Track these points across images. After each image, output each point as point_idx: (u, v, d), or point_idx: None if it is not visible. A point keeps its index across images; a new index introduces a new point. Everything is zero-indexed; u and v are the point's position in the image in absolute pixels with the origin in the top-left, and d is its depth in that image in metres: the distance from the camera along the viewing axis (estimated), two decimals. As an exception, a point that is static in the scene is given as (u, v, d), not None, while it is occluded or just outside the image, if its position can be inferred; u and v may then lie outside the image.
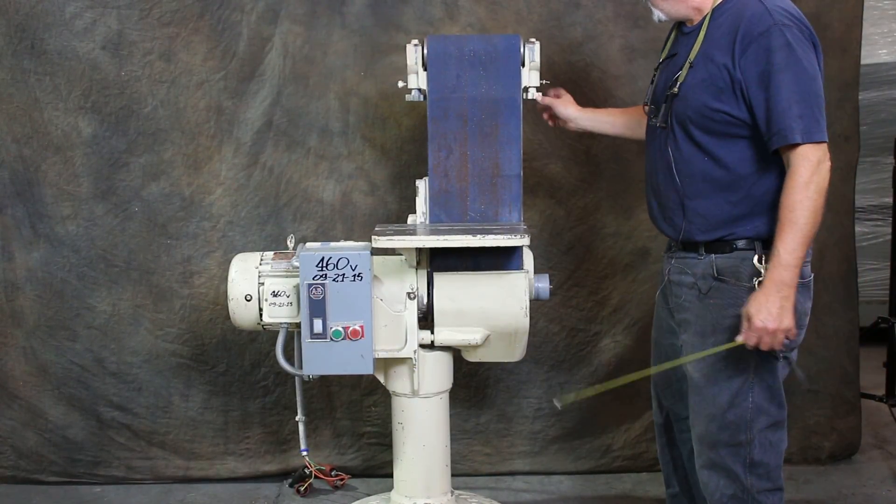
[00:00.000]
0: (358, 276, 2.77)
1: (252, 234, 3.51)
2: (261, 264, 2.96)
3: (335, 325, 2.78)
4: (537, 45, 2.98)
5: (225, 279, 3.03)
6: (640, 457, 3.64)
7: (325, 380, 3.55)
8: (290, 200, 3.52)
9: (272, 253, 3.02)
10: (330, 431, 3.62)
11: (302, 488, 3.46)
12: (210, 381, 3.57)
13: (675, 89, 2.40)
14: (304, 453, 3.41)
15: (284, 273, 2.92)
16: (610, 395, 3.60)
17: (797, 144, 2.23)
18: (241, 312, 2.94)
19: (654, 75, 2.65)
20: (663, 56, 2.60)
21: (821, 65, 2.32)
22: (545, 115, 3.10)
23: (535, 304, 2.97)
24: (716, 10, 2.37)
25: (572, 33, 3.47)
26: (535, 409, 3.62)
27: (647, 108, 2.62)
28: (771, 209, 2.32)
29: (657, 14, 2.51)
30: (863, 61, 3.65)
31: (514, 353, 2.96)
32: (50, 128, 3.44)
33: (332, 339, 2.78)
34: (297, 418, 3.29)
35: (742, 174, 2.35)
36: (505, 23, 3.46)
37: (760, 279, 2.28)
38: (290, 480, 3.53)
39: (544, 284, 2.96)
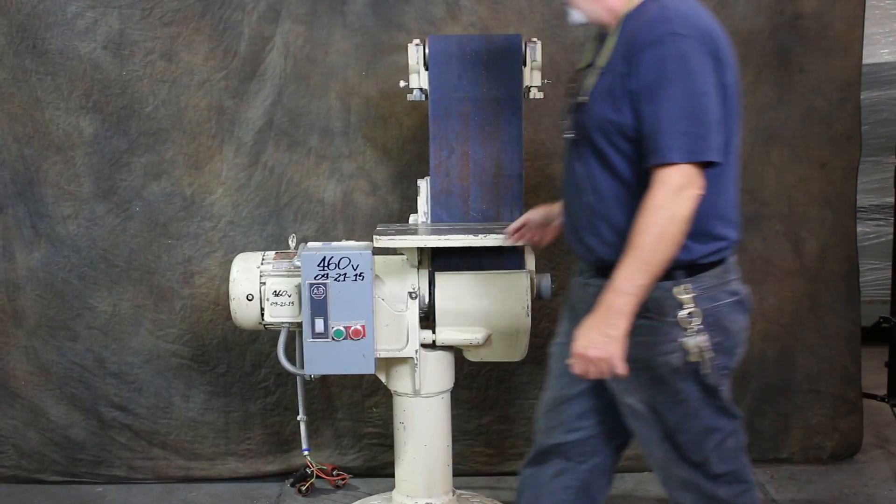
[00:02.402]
0: (359, 275, 2.77)
1: (253, 234, 3.51)
2: (262, 264, 2.96)
3: (337, 325, 2.78)
4: (539, 45, 2.97)
5: (226, 279, 3.02)
6: (641, 456, 3.62)
7: (326, 380, 3.55)
8: (292, 200, 3.52)
9: (273, 253, 3.02)
10: (331, 431, 3.62)
11: (303, 488, 3.46)
12: (211, 382, 3.57)
13: (583, 98, 2.17)
14: (306, 453, 3.41)
15: (286, 273, 2.92)
16: (611, 394, 3.61)
17: (664, 164, 1.98)
18: (243, 312, 2.94)
19: (573, 86, 2.38)
20: (581, 65, 2.35)
21: (726, 81, 2.06)
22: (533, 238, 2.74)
23: (537, 304, 2.97)
24: (628, 16, 2.13)
25: (574, 32, 3.46)
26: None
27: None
28: (691, 231, 2.04)
29: (574, 14, 2.28)
30: (864, 61, 3.65)
31: (516, 352, 2.96)
32: (51, 127, 3.44)
33: (333, 339, 2.78)
34: (298, 418, 3.29)
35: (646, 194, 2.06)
36: (506, 22, 3.45)
37: (688, 310, 2.06)
38: (291, 480, 3.52)
39: (546, 284, 2.96)
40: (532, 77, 2.99)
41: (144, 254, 3.51)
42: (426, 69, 2.98)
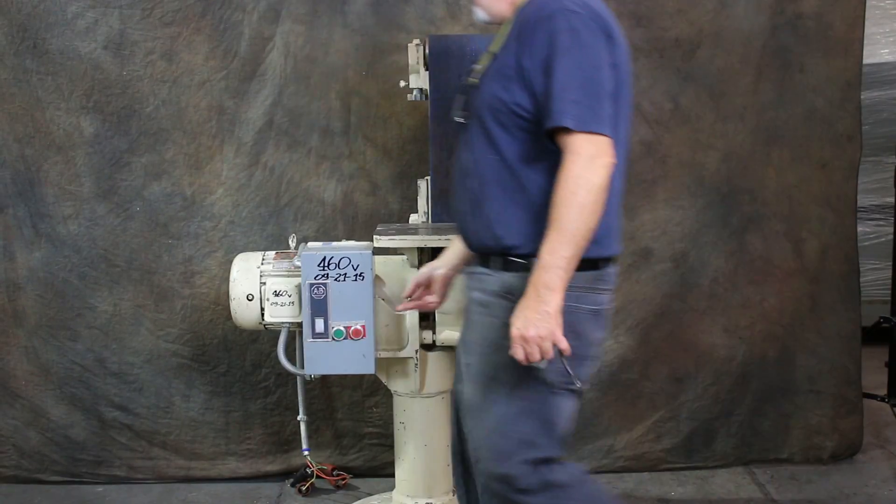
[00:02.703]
0: (360, 275, 2.77)
1: (253, 233, 3.51)
2: (262, 264, 2.96)
3: (337, 325, 2.78)
4: (539, 45, 2.97)
5: (226, 279, 3.02)
6: (642, 457, 3.64)
7: (326, 380, 3.55)
8: (292, 200, 3.52)
9: (274, 253, 3.02)
10: (331, 431, 3.62)
11: (303, 488, 3.46)
12: (211, 382, 3.57)
13: (473, 79, 2.17)
14: (306, 453, 3.41)
15: (286, 273, 2.92)
16: (612, 396, 3.62)
17: (570, 133, 1.94)
18: (243, 312, 2.94)
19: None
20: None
21: (618, 59, 2.04)
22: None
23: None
24: (524, 6, 2.12)
25: (574, 33, 3.46)
26: (536, 409, 3.61)
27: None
28: None
29: (478, 13, 2.25)
30: (865, 61, 3.65)
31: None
32: (52, 127, 3.44)
33: (333, 339, 2.78)
34: (298, 418, 3.29)
35: (532, 177, 2.06)
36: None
37: None
38: (291, 480, 3.52)
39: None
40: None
41: (145, 254, 3.51)
42: (426, 69, 2.98)
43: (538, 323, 1.93)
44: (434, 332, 2.90)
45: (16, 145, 3.46)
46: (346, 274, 2.77)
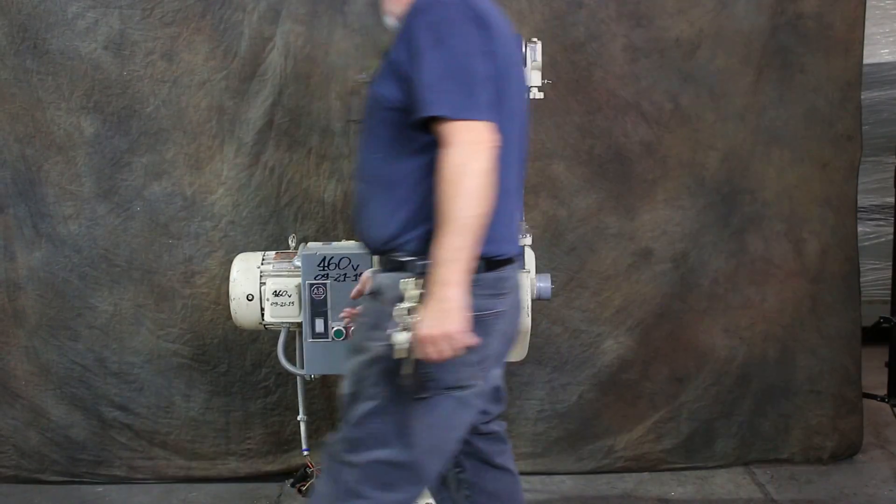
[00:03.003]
0: (360, 275, 2.76)
1: (253, 233, 3.51)
2: (262, 264, 2.96)
3: (337, 325, 2.78)
4: (539, 45, 2.97)
5: (226, 279, 3.02)
6: (642, 457, 3.64)
7: (326, 380, 3.55)
8: (292, 200, 3.52)
9: (274, 252, 3.02)
10: (331, 431, 3.61)
11: (303, 488, 3.45)
12: (211, 382, 3.57)
13: (364, 79, 2.16)
14: (306, 453, 3.40)
15: (286, 273, 2.92)
16: (613, 396, 3.61)
17: (446, 123, 1.89)
18: (243, 312, 2.94)
19: None
20: None
21: (496, 48, 1.98)
22: None
23: (538, 304, 2.96)
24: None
25: (574, 33, 3.46)
26: (537, 411, 3.61)
27: None
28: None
29: (387, 20, 2.23)
30: (865, 61, 3.64)
31: (516, 352, 2.96)
32: (52, 127, 3.45)
33: (333, 339, 2.78)
34: (298, 418, 3.29)
35: (412, 174, 2.01)
36: (507, 22, 3.45)
37: (408, 305, 1.91)
38: (291, 480, 3.52)
39: (546, 284, 2.95)
40: (532, 77, 2.98)
41: (145, 253, 3.51)
42: (426, 69, 2.97)
43: (437, 322, 1.86)
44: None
45: (16, 145, 3.46)
46: (346, 274, 2.77)
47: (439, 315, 1.86)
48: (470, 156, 1.87)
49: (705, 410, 3.64)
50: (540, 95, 3.00)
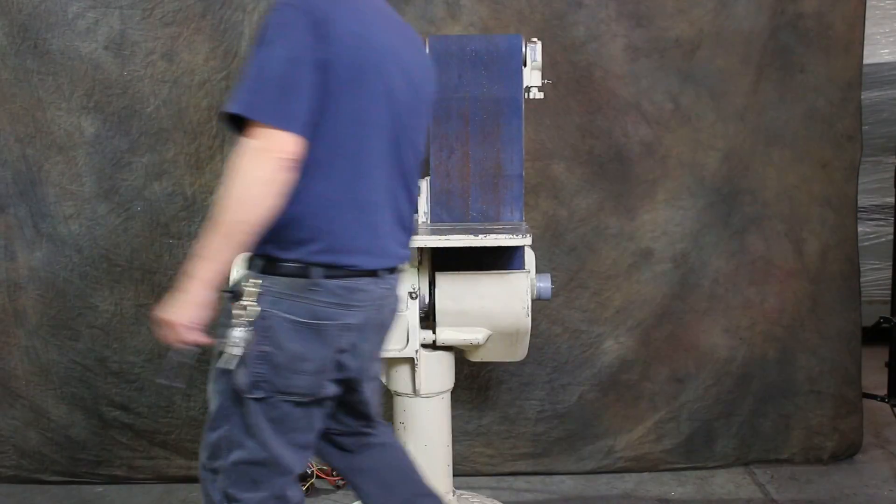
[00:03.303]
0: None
1: (254, 233, 3.51)
2: (263, 264, 2.95)
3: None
4: (539, 45, 2.98)
5: (226, 279, 3.02)
6: (643, 458, 3.64)
7: (326, 379, 3.55)
8: (292, 200, 3.51)
9: (274, 253, 3.01)
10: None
11: (303, 488, 3.46)
12: (212, 381, 3.57)
13: None
14: (306, 453, 3.41)
15: (286, 273, 2.91)
16: (613, 396, 3.62)
17: (247, 123, 1.87)
18: (243, 312, 2.93)
19: None
20: None
21: (335, 58, 1.91)
22: None
23: (538, 305, 2.97)
24: None
25: (574, 33, 3.47)
26: (537, 412, 3.62)
27: None
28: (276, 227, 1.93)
29: None
30: (865, 61, 3.65)
31: (516, 353, 2.96)
32: (53, 127, 3.45)
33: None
34: (298, 418, 3.29)
35: None
36: (507, 22, 3.46)
37: (246, 302, 1.95)
38: (291, 480, 3.52)
39: (546, 284, 2.96)
40: (532, 77, 2.99)
41: (146, 253, 3.51)
42: (426, 69, 2.98)
43: (172, 310, 1.90)
44: (434, 332, 2.90)
45: (17, 145, 3.46)
46: (346, 274, 2.76)
47: (174, 303, 1.90)
48: (253, 161, 1.85)
49: (705, 411, 3.64)
50: (540, 96, 3.01)
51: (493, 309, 2.86)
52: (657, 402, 3.63)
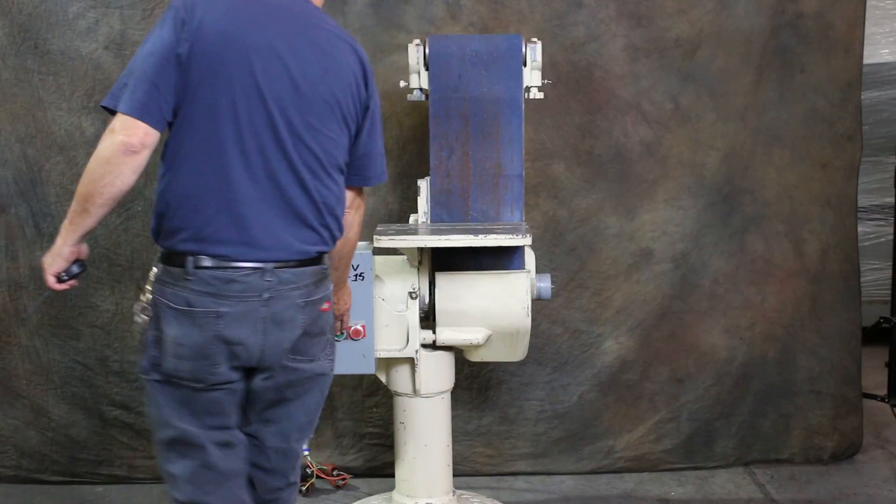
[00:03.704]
0: (360, 275, 2.77)
1: (254, 233, 3.51)
2: (263, 264, 2.95)
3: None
4: (539, 45, 2.98)
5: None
6: (643, 458, 3.64)
7: (327, 379, 3.55)
8: (293, 200, 3.51)
9: (274, 252, 3.01)
10: (331, 431, 3.62)
11: (303, 488, 3.46)
12: (212, 381, 3.57)
13: None
14: (306, 453, 3.41)
15: (286, 273, 2.92)
16: (613, 396, 3.62)
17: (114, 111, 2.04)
18: (243, 312, 2.93)
19: None
20: None
21: (195, 48, 2.01)
22: None
23: (538, 304, 2.97)
24: None
25: (574, 33, 3.47)
26: (537, 412, 3.62)
27: None
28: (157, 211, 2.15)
29: None
30: (865, 61, 3.65)
31: (516, 352, 2.97)
32: (53, 127, 3.45)
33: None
34: (298, 418, 3.29)
35: (160, 170, 2.20)
36: (507, 22, 3.46)
37: (147, 285, 2.12)
38: (291, 480, 3.52)
39: (546, 284, 2.96)
40: (532, 77, 2.99)
41: (146, 253, 3.51)
42: (426, 69, 2.98)
43: (45, 256, 2.19)
44: (434, 332, 2.90)
45: (18, 145, 3.46)
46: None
47: (47, 253, 2.19)
48: (102, 142, 2.03)
49: (705, 411, 3.64)
50: (540, 96, 3.01)
51: (492, 309, 2.86)
52: (657, 403, 3.63)
